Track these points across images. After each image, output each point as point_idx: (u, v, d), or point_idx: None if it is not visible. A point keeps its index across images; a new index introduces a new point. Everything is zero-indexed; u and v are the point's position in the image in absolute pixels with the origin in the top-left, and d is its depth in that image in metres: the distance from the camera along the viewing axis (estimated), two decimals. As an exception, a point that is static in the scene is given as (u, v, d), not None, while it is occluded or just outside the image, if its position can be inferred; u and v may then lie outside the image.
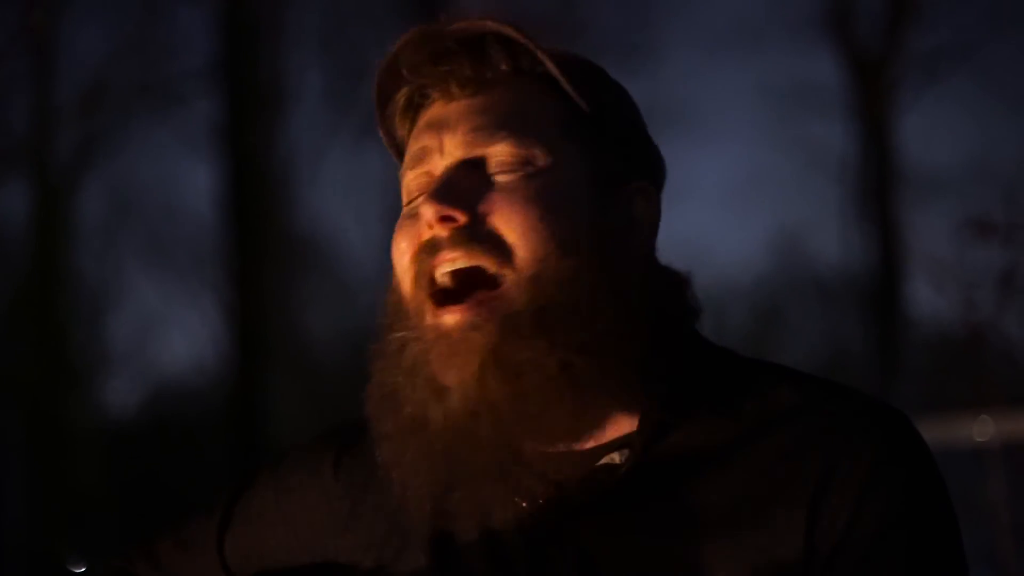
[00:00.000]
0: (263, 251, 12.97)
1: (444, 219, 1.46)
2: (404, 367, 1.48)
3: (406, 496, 1.51)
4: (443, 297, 1.47)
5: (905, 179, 13.41)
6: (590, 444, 1.50)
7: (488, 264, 1.46)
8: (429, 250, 1.48)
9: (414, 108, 1.57)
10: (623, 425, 1.50)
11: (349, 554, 1.62)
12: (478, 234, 1.47)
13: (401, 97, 1.58)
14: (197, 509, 1.74)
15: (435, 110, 1.55)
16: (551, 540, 1.47)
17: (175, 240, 14.03)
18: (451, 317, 1.45)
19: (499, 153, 1.50)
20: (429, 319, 1.47)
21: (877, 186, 13.30)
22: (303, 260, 14.00)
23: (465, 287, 1.46)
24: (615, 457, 1.49)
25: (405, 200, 1.55)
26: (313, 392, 13.75)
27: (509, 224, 1.47)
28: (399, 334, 1.50)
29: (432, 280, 1.48)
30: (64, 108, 13.11)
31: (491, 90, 1.54)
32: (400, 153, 1.61)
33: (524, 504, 1.49)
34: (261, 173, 13.04)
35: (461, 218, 1.46)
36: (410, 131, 1.58)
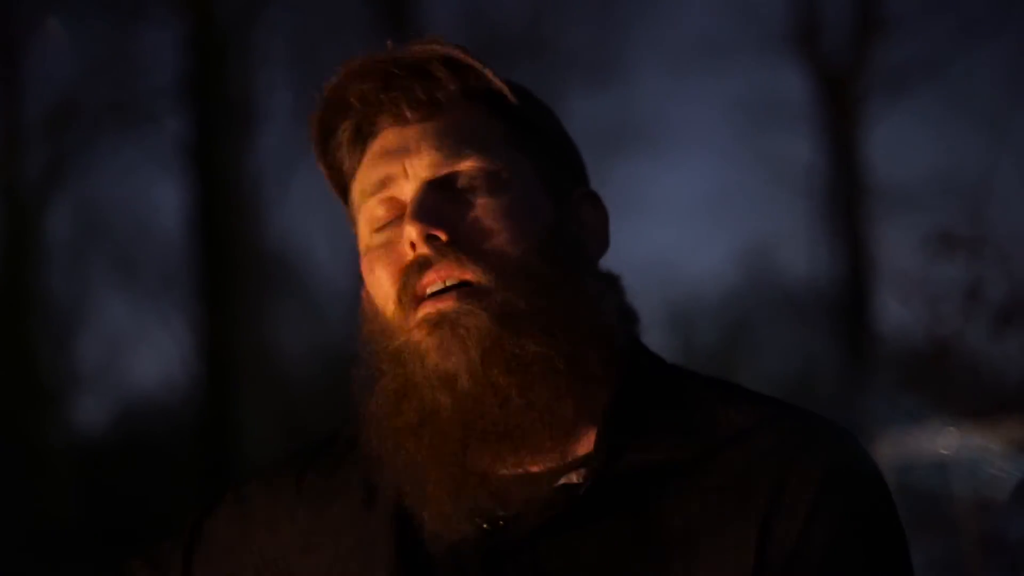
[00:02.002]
0: (233, 269, 12.94)
1: (429, 237, 1.49)
2: (407, 365, 1.50)
3: (424, 497, 1.51)
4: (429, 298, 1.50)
5: (872, 193, 13.47)
6: (548, 464, 1.51)
7: (473, 276, 1.49)
8: (415, 270, 1.50)
9: (363, 139, 1.59)
10: (580, 444, 1.51)
11: (312, 573, 1.63)
12: (463, 248, 1.49)
13: (346, 129, 1.59)
14: (164, 533, 1.75)
15: (389, 137, 1.56)
16: (510, 562, 1.49)
17: (144, 258, 13.99)
18: (443, 304, 1.48)
19: (466, 171, 1.53)
20: (420, 314, 1.49)
21: (844, 200, 13.35)
22: (273, 278, 13.98)
23: (451, 290, 1.49)
24: (573, 477, 1.51)
25: (370, 228, 1.56)
26: (284, 409, 13.72)
27: (490, 235, 1.50)
28: (394, 343, 1.51)
29: (418, 299, 1.50)
30: (33, 126, 13.07)
31: (443, 112, 1.56)
32: (342, 187, 1.63)
33: (485, 525, 1.50)
34: (230, 191, 13.02)
35: (444, 235, 1.49)
36: (361, 158, 1.59)
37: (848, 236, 13.29)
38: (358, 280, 1.59)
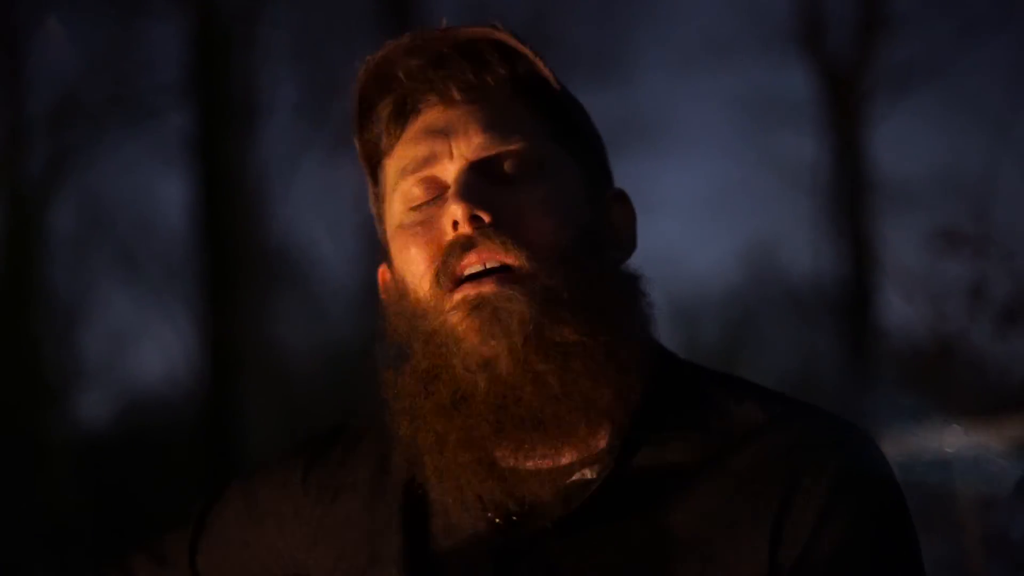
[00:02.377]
0: (236, 264, 12.93)
1: (473, 218, 1.48)
2: (440, 347, 1.49)
3: (448, 479, 1.50)
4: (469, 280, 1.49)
5: (876, 191, 13.45)
6: (562, 460, 1.50)
7: (515, 261, 1.48)
8: (456, 250, 1.49)
9: (404, 115, 1.57)
10: (595, 439, 1.50)
11: (319, 566, 1.62)
12: (506, 232, 1.49)
13: (387, 106, 1.58)
14: (169, 525, 1.75)
15: (433, 115, 1.55)
16: (521, 557, 1.48)
17: (148, 253, 13.98)
18: (485, 287, 1.47)
19: (513, 156, 1.53)
20: (458, 296, 1.48)
21: (848, 198, 13.34)
22: (276, 273, 13.97)
23: (491, 273, 1.48)
24: (587, 473, 1.50)
25: (406, 205, 1.55)
26: (287, 404, 13.71)
27: (534, 223, 1.50)
28: (428, 324, 1.50)
29: (456, 279, 1.49)
30: (36, 122, 13.06)
31: (491, 95, 1.55)
32: (371, 164, 1.61)
33: (497, 520, 1.50)
34: (234, 186, 13.00)
35: (488, 217, 1.49)
36: (400, 133, 1.57)
37: (852, 234, 13.28)
38: (363, 273, 1.58)
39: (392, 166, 1.57)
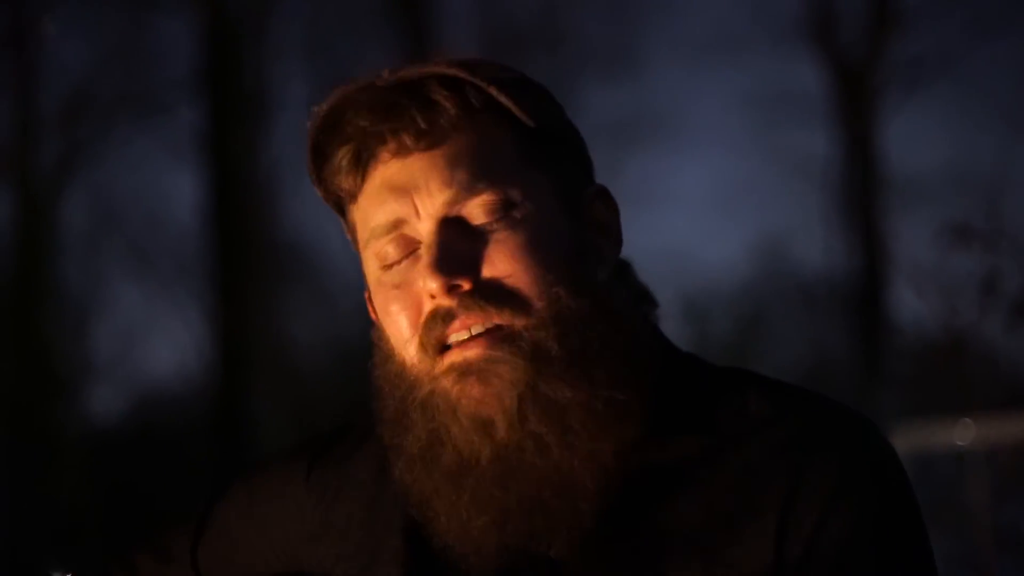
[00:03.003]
0: (246, 259, 12.95)
1: (451, 288, 1.44)
2: (438, 415, 1.46)
3: (467, 539, 1.47)
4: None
5: (887, 186, 13.45)
6: None
7: (502, 320, 1.44)
8: (439, 320, 1.45)
9: (363, 163, 1.52)
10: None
11: (320, 564, 1.62)
12: (488, 295, 1.45)
13: (345, 154, 1.52)
14: (173, 521, 1.75)
15: (392, 169, 1.50)
16: (525, 555, 1.48)
17: (158, 249, 14.02)
18: (472, 351, 1.44)
19: (481, 205, 1.47)
20: (446, 363, 1.45)
21: (860, 193, 13.33)
22: (286, 268, 14.00)
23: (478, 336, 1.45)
24: None
25: (380, 264, 1.51)
26: (296, 399, 13.74)
27: (515, 277, 1.45)
28: (419, 392, 1.48)
29: (443, 345, 1.46)
30: (47, 117, 13.09)
31: (447, 138, 1.49)
32: (339, 203, 1.58)
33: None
34: (244, 182, 13.03)
35: (467, 284, 1.44)
36: (361, 183, 1.52)
37: (863, 228, 13.27)
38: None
39: (359, 219, 1.53)
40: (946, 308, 5.27)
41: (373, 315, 1.55)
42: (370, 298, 1.56)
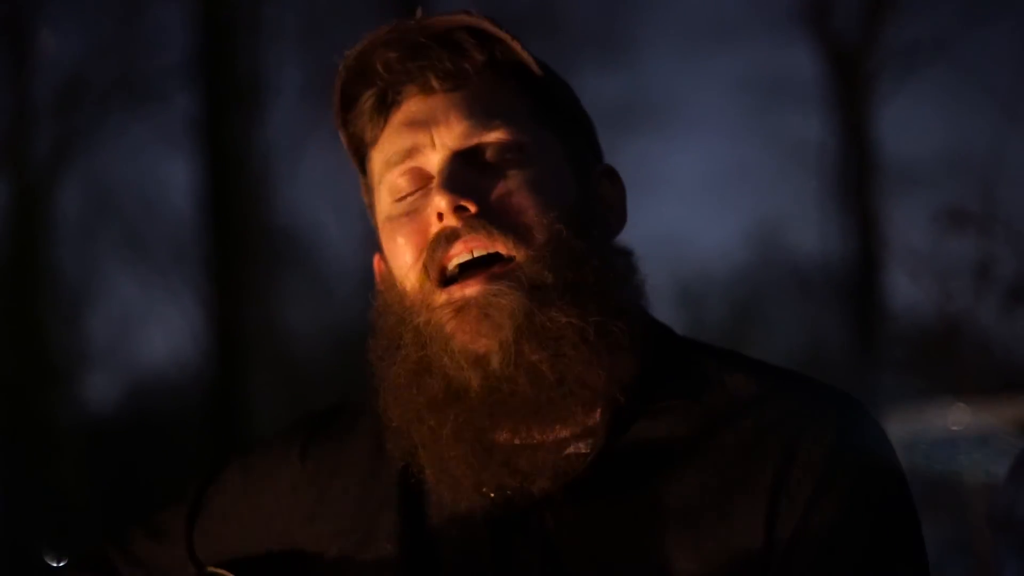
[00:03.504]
0: (242, 246, 12.93)
1: (458, 208, 1.48)
2: (429, 343, 1.49)
3: (443, 470, 1.50)
4: (456, 279, 1.49)
5: (882, 171, 13.44)
6: (557, 435, 1.51)
7: (504, 248, 1.49)
8: (442, 241, 1.49)
9: (386, 107, 1.58)
10: (589, 415, 1.51)
11: (316, 542, 1.63)
12: (492, 219, 1.49)
13: (369, 98, 1.58)
14: (169, 501, 1.76)
15: (413, 106, 1.55)
16: (517, 530, 1.49)
17: (154, 236, 14.00)
18: (471, 288, 1.48)
19: (495, 142, 1.52)
20: (443, 298, 1.49)
21: (855, 178, 13.32)
22: (282, 255, 13.99)
23: (478, 267, 1.48)
24: (580, 447, 1.51)
25: (392, 197, 1.55)
26: (293, 387, 13.73)
27: (519, 208, 1.50)
28: (416, 319, 1.50)
29: (443, 270, 1.49)
30: (42, 104, 13.06)
31: (471, 83, 1.55)
32: (359, 156, 1.61)
33: (492, 495, 1.50)
34: (240, 168, 13.00)
35: (473, 207, 1.49)
36: (384, 125, 1.58)
37: (858, 214, 13.27)
38: (368, 255, 1.58)
39: (378, 158, 1.58)
40: (941, 293, 5.28)
41: (379, 272, 1.58)
42: (380, 257, 1.58)
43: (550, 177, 1.53)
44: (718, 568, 1.43)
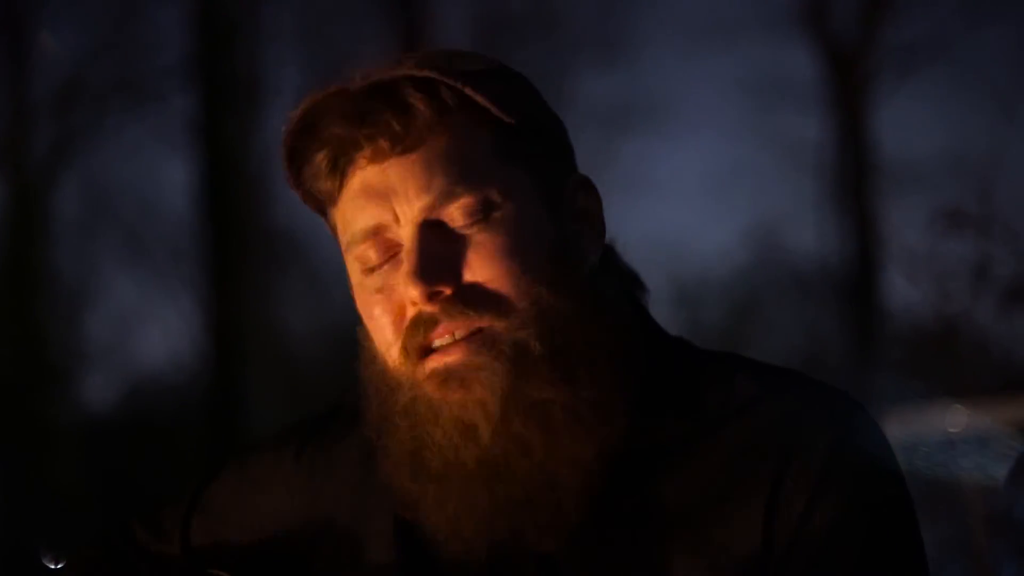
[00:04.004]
0: (240, 247, 12.94)
1: (432, 295, 1.44)
2: (421, 421, 1.47)
3: (447, 527, 1.48)
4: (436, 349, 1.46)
5: (880, 172, 13.44)
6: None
7: (486, 324, 1.45)
8: (421, 326, 1.46)
9: (340, 168, 1.52)
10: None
11: (311, 544, 1.63)
12: (469, 300, 1.45)
13: (323, 159, 1.52)
14: (167, 500, 1.76)
15: (370, 174, 1.50)
16: (514, 552, 1.48)
17: (152, 236, 13.99)
18: (451, 357, 1.44)
19: (459, 208, 1.47)
20: (426, 369, 1.46)
21: (853, 179, 13.33)
22: (280, 256, 13.98)
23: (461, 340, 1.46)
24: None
25: (360, 267, 1.51)
26: (291, 387, 13.73)
27: (496, 280, 1.45)
28: (402, 397, 1.48)
29: (426, 351, 1.47)
30: (39, 105, 13.06)
31: (424, 140, 1.48)
32: (320, 209, 1.58)
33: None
34: (238, 169, 13.01)
35: (448, 290, 1.45)
36: (340, 187, 1.53)
37: (856, 215, 13.27)
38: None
39: (340, 223, 1.54)
40: (939, 294, 5.28)
41: (360, 335, 1.56)
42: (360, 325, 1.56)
43: (524, 230, 1.47)
44: (717, 572, 1.42)
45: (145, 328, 15.43)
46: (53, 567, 1.78)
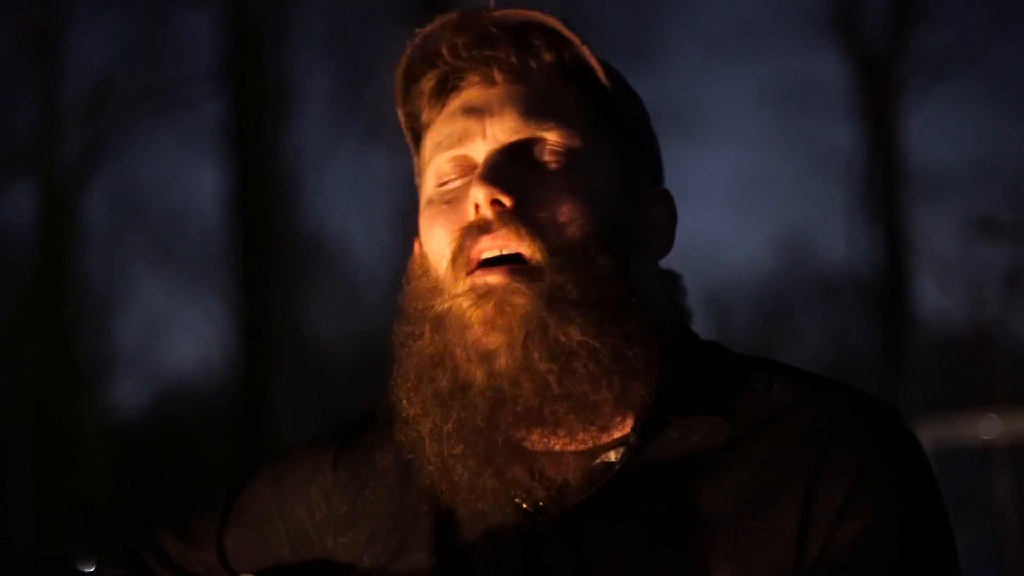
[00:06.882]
0: (269, 253, 12.97)
1: (494, 202, 1.46)
2: (447, 333, 1.48)
3: (444, 468, 1.49)
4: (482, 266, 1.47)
5: (911, 179, 13.41)
6: (588, 444, 1.49)
7: (528, 251, 1.46)
8: (474, 232, 1.47)
9: (445, 92, 1.57)
10: (620, 424, 1.49)
11: (348, 552, 1.62)
12: (525, 219, 1.46)
13: (430, 80, 1.56)
14: (199, 507, 1.75)
15: (473, 94, 1.54)
16: (549, 541, 1.47)
17: (181, 242, 14.05)
18: (493, 277, 1.45)
19: (546, 141, 1.50)
20: (466, 284, 1.47)
21: (883, 186, 13.29)
22: (309, 262, 14.01)
23: (503, 263, 1.46)
24: (611, 456, 1.49)
25: (436, 181, 1.54)
26: (319, 393, 13.76)
27: (554, 214, 1.47)
28: (439, 306, 1.49)
29: (472, 263, 1.47)
30: (70, 111, 13.13)
31: (533, 79, 1.53)
32: (415, 136, 1.61)
33: (524, 505, 1.49)
34: (267, 175, 13.04)
35: (508, 202, 1.46)
36: (441, 109, 1.56)
37: (887, 221, 13.23)
38: (393, 263, 1.57)
39: (429, 140, 1.56)
40: (971, 301, 5.25)
41: (414, 256, 1.57)
42: (418, 242, 1.57)
43: (596, 188, 1.49)
44: None
45: (174, 334, 15.52)
46: (84, 570, 1.78)
